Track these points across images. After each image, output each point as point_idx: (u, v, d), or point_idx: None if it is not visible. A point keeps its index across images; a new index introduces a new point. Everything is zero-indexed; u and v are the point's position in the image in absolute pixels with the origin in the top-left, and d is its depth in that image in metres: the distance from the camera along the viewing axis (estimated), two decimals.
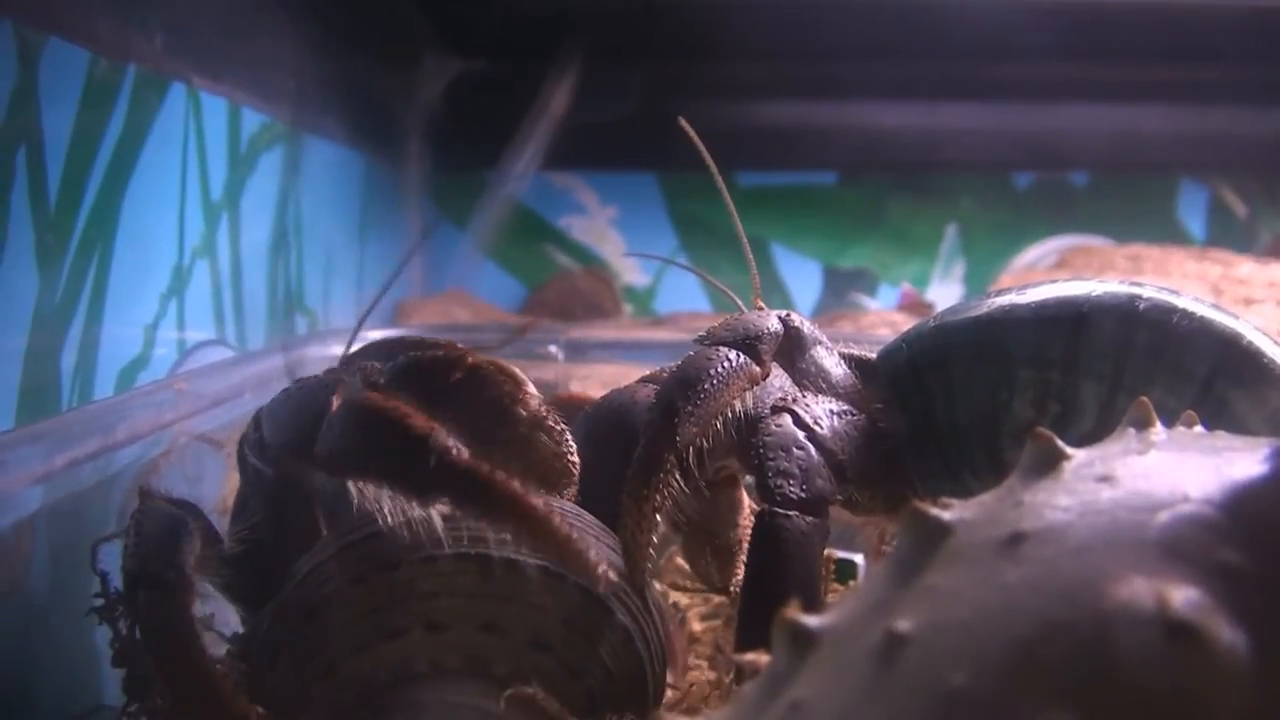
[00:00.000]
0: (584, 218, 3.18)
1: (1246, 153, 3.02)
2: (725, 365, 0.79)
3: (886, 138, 3.01)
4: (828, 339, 0.90)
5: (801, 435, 0.78)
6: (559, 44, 2.61)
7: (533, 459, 0.80)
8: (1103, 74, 2.79)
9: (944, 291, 3.13)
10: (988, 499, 0.47)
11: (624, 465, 0.77)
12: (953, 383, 0.82)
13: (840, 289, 3.18)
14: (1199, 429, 0.52)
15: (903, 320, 2.48)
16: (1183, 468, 0.43)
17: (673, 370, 0.80)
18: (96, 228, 1.20)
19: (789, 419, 0.79)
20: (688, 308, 2.93)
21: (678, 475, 0.76)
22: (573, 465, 0.82)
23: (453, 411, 0.77)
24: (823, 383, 0.86)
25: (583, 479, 0.84)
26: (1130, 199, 3.16)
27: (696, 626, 1.09)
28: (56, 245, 1.12)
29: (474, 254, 3.01)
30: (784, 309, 0.88)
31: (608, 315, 2.95)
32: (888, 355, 0.88)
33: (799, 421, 0.79)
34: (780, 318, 0.85)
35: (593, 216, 3.18)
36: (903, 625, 0.40)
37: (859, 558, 1.09)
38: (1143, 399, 0.51)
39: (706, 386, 0.77)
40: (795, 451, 0.77)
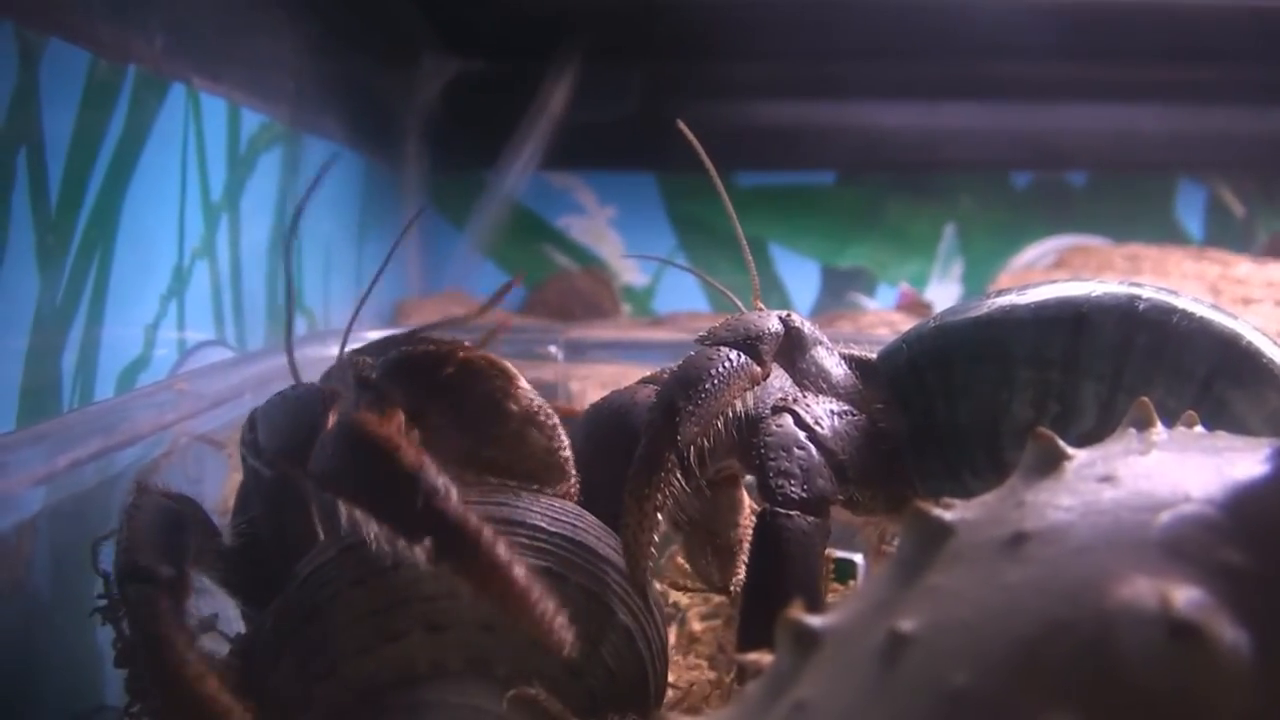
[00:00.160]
0: (583, 218, 3.18)
1: (1244, 153, 3.02)
2: (726, 365, 0.79)
3: (885, 137, 3.01)
4: (828, 339, 0.90)
5: (802, 435, 0.78)
6: (558, 44, 2.61)
7: (524, 454, 0.79)
8: (1101, 74, 2.79)
9: (942, 291, 3.14)
10: (989, 499, 0.47)
11: (625, 465, 0.77)
12: (953, 383, 0.82)
13: (838, 289, 3.18)
14: (1199, 429, 0.53)
15: (901, 320, 2.48)
16: (1184, 468, 0.43)
17: (674, 370, 0.80)
18: (97, 228, 1.20)
19: (790, 419, 0.79)
20: (687, 308, 2.93)
21: (679, 474, 0.75)
22: (565, 461, 0.81)
23: (444, 406, 0.77)
24: (823, 383, 0.86)
25: (583, 479, 0.84)
26: (1128, 199, 3.16)
27: (696, 626, 1.09)
28: (57, 246, 1.12)
29: (472, 254, 3.01)
30: (783, 309, 0.88)
31: (606, 315, 2.95)
32: (888, 355, 0.88)
33: (800, 421, 0.79)
34: (781, 318, 0.85)
35: (591, 216, 3.18)
36: (905, 625, 0.40)
37: (858, 557, 1.09)
38: (1144, 399, 0.51)
39: (707, 386, 0.77)
40: (796, 451, 0.77)
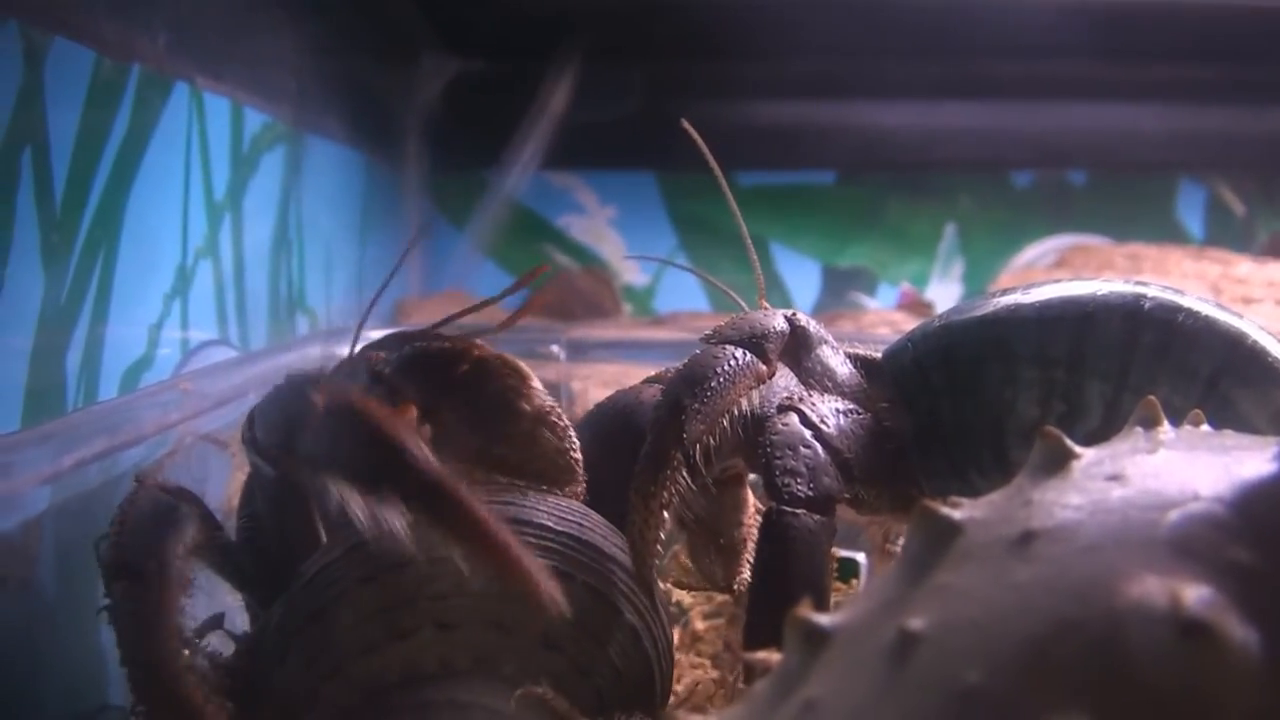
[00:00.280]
0: (583, 217, 3.18)
1: (1245, 152, 3.02)
2: (732, 363, 0.79)
3: (885, 137, 3.01)
4: (833, 338, 0.90)
5: (808, 434, 0.78)
6: (558, 43, 2.61)
7: (535, 454, 0.80)
8: (1101, 73, 2.79)
9: (943, 290, 3.14)
10: (997, 498, 0.47)
11: (630, 465, 0.77)
12: (958, 382, 0.82)
13: (839, 288, 3.18)
14: (1206, 428, 0.53)
15: (902, 319, 2.48)
16: (1192, 466, 0.43)
17: (679, 369, 0.80)
18: (101, 228, 1.20)
19: (796, 418, 0.79)
20: (687, 307, 2.92)
21: (684, 473, 0.76)
22: (576, 462, 0.82)
23: (458, 403, 0.77)
24: (828, 382, 0.86)
25: (589, 479, 0.84)
26: (1129, 198, 3.16)
27: (700, 625, 1.09)
28: (62, 245, 1.12)
29: (473, 253, 3.01)
30: (786, 308, 0.88)
31: (607, 315, 2.95)
32: (893, 354, 0.88)
33: (805, 420, 0.79)
34: (786, 317, 0.85)
35: (592, 216, 3.18)
36: (915, 624, 0.40)
37: (861, 556, 1.10)
38: (1151, 398, 0.51)
39: (713, 384, 0.77)
40: (802, 450, 0.77)
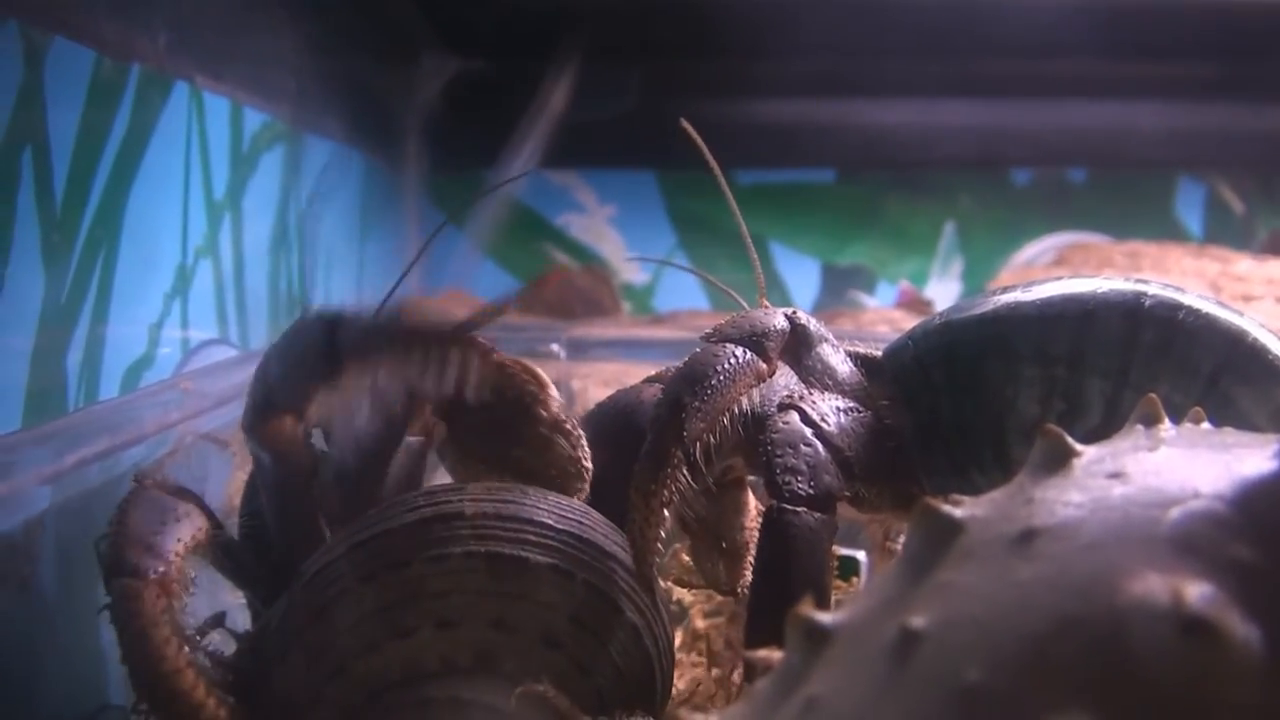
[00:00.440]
0: (582, 216, 3.18)
1: (1244, 150, 3.02)
2: (732, 361, 0.79)
3: (885, 135, 3.00)
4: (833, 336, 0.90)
5: (809, 432, 0.78)
6: (557, 42, 2.61)
7: (548, 460, 0.82)
8: (1100, 71, 2.79)
9: (942, 289, 3.14)
10: (998, 496, 0.47)
11: (631, 464, 0.77)
12: (959, 380, 0.82)
13: (838, 286, 3.18)
14: (1206, 425, 0.53)
15: (901, 317, 2.48)
16: (1193, 464, 0.43)
17: (679, 367, 0.80)
18: (102, 227, 1.20)
19: (796, 416, 0.79)
20: (687, 306, 2.92)
21: (685, 471, 0.76)
22: (586, 471, 0.83)
23: (477, 407, 0.79)
24: (829, 380, 0.86)
25: (590, 478, 0.84)
26: (1128, 196, 3.17)
27: (700, 624, 1.09)
28: (62, 245, 1.12)
29: (473, 253, 3.01)
30: (786, 307, 0.88)
31: (607, 314, 2.94)
32: (894, 353, 0.88)
33: (806, 418, 0.79)
34: (786, 315, 0.85)
35: (591, 215, 3.18)
36: (917, 622, 0.40)
37: (860, 554, 1.10)
38: (1152, 396, 0.51)
39: (713, 382, 0.77)
40: (803, 448, 0.77)
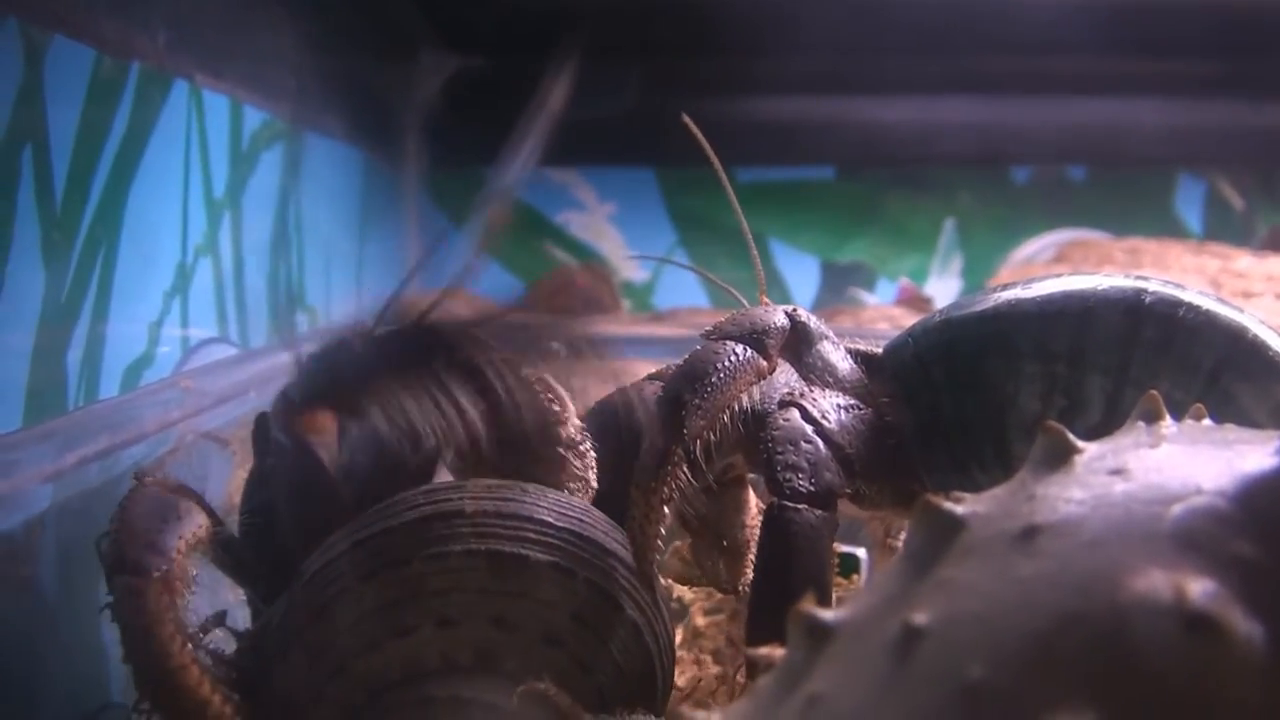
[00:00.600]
0: (582, 214, 3.18)
1: (1243, 146, 3.02)
2: (732, 359, 0.79)
3: (884, 132, 3.00)
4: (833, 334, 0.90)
5: (809, 429, 0.78)
6: (557, 40, 2.61)
7: (559, 477, 0.83)
8: (1100, 68, 2.79)
9: (942, 286, 3.13)
10: (999, 493, 0.47)
11: (631, 461, 0.77)
12: (959, 377, 0.82)
13: (838, 284, 3.17)
14: (1207, 422, 0.53)
15: (901, 315, 2.48)
16: (1195, 460, 0.43)
17: (679, 365, 0.80)
18: (102, 225, 1.20)
19: (796, 413, 0.79)
20: (687, 303, 2.92)
21: (685, 469, 0.76)
22: (592, 487, 0.84)
23: (502, 422, 0.81)
24: (829, 377, 0.85)
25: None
26: (1128, 193, 3.16)
27: (700, 621, 1.09)
28: (62, 243, 1.12)
29: (472, 252, 3.00)
30: (786, 304, 0.88)
31: (606, 311, 2.94)
32: (894, 350, 0.88)
33: (806, 416, 0.79)
34: (787, 312, 0.85)
35: (591, 212, 3.17)
36: (919, 618, 0.40)
37: (861, 552, 1.10)
38: (1153, 392, 0.51)
39: (713, 380, 0.77)
40: (803, 445, 0.77)
